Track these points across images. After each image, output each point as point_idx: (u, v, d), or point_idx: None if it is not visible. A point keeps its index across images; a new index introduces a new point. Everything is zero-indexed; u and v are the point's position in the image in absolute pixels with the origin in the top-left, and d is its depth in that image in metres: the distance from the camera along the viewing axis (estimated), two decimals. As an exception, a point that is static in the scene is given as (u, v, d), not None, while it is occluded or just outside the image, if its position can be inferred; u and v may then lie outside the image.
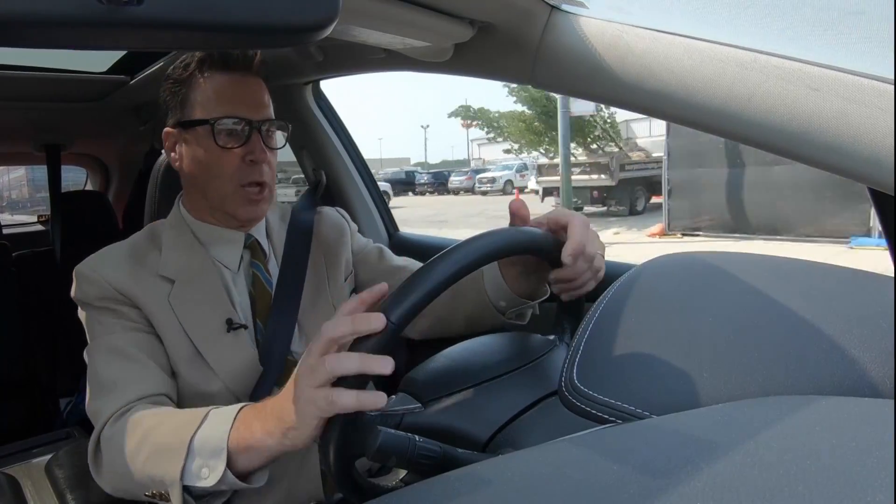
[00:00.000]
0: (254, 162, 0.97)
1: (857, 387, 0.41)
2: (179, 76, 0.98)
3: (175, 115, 0.99)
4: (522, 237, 0.71)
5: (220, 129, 0.95)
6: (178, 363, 0.94)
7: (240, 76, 0.98)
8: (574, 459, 0.40)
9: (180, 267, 0.98)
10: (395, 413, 0.66)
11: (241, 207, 0.99)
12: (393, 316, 0.59)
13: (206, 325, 0.96)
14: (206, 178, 0.98)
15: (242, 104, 0.97)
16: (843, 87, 0.60)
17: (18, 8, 0.38)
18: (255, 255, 1.06)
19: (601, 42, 0.78)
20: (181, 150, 1.00)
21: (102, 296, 0.94)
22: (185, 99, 0.98)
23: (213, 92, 0.96)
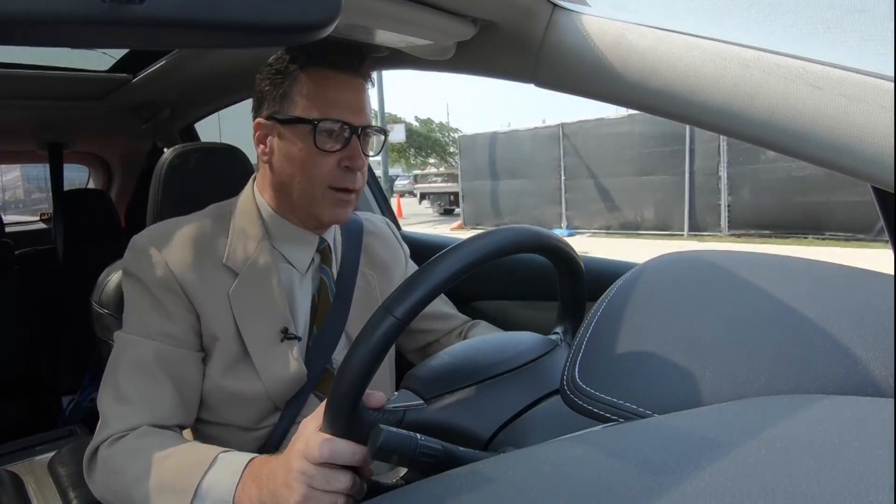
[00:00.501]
0: (349, 168, 0.94)
1: (859, 386, 0.41)
2: (283, 68, 0.94)
3: (272, 108, 0.95)
4: (527, 236, 0.71)
5: (321, 131, 0.91)
6: (221, 363, 0.92)
7: (346, 76, 0.94)
8: (576, 458, 0.40)
9: (246, 260, 0.95)
10: (397, 409, 0.66)
11: (329, 210, 0.96)
12: (397, 312, 0.60)
13: (262, 329, 0.94)
14: (296, 177, 0.94)
15: (346, 107, 0.93)
16: (846, 86, 0.60)
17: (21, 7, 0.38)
18: (324, 260, 1.04)
19: (603, 40, 0.78)
20: (273, 143, 0.96)
21: (160, 281, 0.91)
22: (286, 92, 0.93)
23: (317, 90, 0.92)
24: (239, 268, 0.95)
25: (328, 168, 0.93)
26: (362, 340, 0.60)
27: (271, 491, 0.68)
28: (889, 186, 0.59)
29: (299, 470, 0.64)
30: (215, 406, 0.94)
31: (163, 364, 0.89)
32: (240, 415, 0.94)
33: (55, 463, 1.30)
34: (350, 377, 0.60)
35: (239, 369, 0.93)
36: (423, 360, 0.75)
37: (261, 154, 0.98)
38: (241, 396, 0.93)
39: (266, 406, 0.94)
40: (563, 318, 0.82)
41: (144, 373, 0.88)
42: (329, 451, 0.62)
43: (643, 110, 0.79)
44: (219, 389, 0.93)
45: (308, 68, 0.92)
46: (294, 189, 0.95)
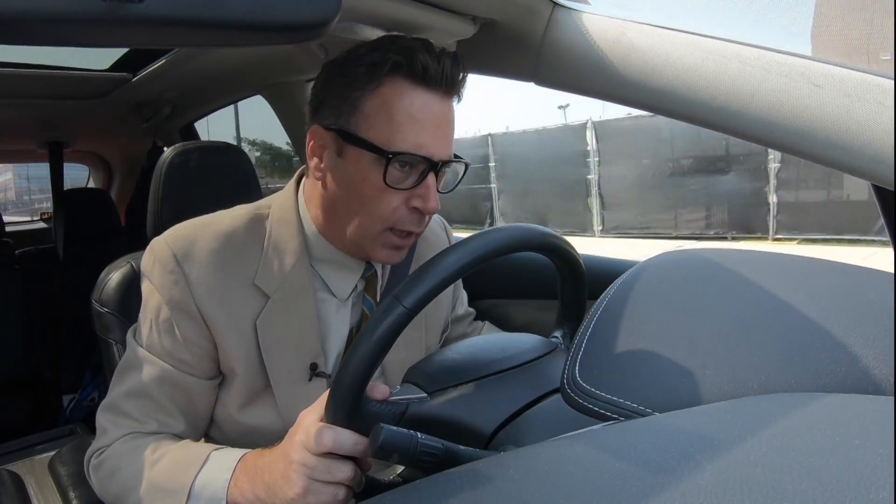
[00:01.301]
0: (418, 210, 0.79)
1: (859, 384, 0.41)
2: (359, 74, 0.77)
3: (336, 118, 0.79)
4: (535, 235, 0.71)
5: (395, 168, 0.76)
6: (241, 395, 0.84)
7: (437, 98, 0.77)
8: (576, 457, 0.40)
9: (280, 281, 0.83)
10: (400, 402, 0.66)
11: (382, 251, 0.82)
12: (406, 301, 0.60)
13: (289, 364, 0.84)
14: (352, 208, 0.80)
15: (433, 138, 0.77)
16: (846, 84, 0.60)
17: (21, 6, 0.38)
18: (368, 288, 0.91)
19: (604, 39, 0.78)
20: (330, 159, 0.80)
21: (178, 304, 0.81)
22: (357, 104, 0.77)
23: (398, 110, 0.75)
24: (271, 290, 0.83)
25: (393, 206, 0.78)
26: (369, 330, 0.60)
27: (267, 484, 0.66)
28: (888, 184, 0.59)
29: (299, 461, 0.63)
30: (228, 434, 0.88)
31: (169, 390, 0.83)
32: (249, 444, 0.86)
33: (56, 462, 1.30)
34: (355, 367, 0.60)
35: (258, 404, 0.85)
36: (427, 356, 0.75)
37: (314, 168, 0.83)
38: (257, 432, 0.85)
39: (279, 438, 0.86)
40: (562, 322, 0.83)
41: (150, 395, 0.83)
42: (332, 441, 0.61)
43: (644, 109, 0.80)
44: (234, 422, 0.86)
45: (391, 79, 0.75)
46: (348, 219, 0.81)
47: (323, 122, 0.80)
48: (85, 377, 2.18)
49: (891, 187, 0.59)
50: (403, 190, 0.77)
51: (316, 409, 0.65)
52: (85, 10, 0.40)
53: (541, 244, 0.72)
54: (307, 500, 0.63)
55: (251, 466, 0.71)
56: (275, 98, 1.76)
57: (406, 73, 0.75)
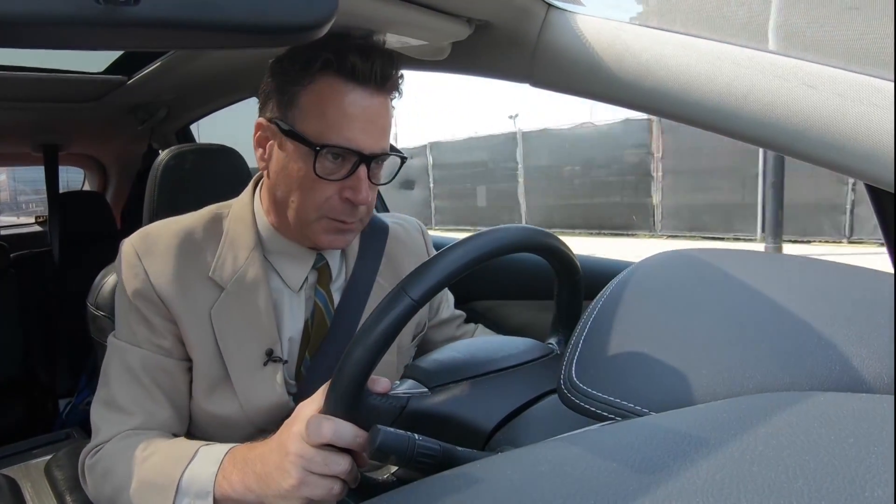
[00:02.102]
0: (350, 201, 0.83)
1: (854, 382, 0.41)
2: (296, 71, 0.81)
3: (276, 112, 0.84)
4: (538, 237, 0.72)
5: (323, 156, 0.80)
6: (202, 382, 0.87)
7: (368, 94, 0.80)
8: (573, 457, 0.40)
9: (234, 274, 0.87)
10: (401, 396, 0.66)
11: (325, 236, 0.86)
12: (413, 293, 0.60)
13: (244, 351, 0.87)
14: (290, 196, 0.84)
15: (361, 132, 0.80)
16: (840, 84, 0.60)
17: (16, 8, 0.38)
18: (321, 280, 0.94)
19: (598, 40, 0.79)
20: (272, 150, 0.86)
21: (140, 293, 0.85)
22: (293, 99, 0.81)
23: (329, 107, 0.79)
24: (225, 282, 0.87)
25: (326, 196, 0.82)
26: (374, 320, 0.60)
27: (259, 474, 0.66)
28: (885, 185, 0.60)
29: (296, 453, 0.62)
30: (200, 426, 0.91)
31: (153, 373, 0.86)
32: (224, 437, 0.89)
33: (52, 466, 1.29)
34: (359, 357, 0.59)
35: (219, 391, 0.88)
36: (426, 354, 0.75)
37: (259, 159, 0.88)
38: (221, 421, 0.88)
39: (249, 430, 0.89)
40: (557, 328, 0.83)
41: (136, 382, 0.86)
42: (332, 432, 0.60)
43: (638, 109, 0.80)
44: (202, 411, 0.89)
45: (323, 76, 0.80)
46: (289, 208, 0.86)
47: (266, 116, 0.85)
48: (81, 381, 2.17)
49: (885, 187, 0.59)
50: (335, 181, 0.81)
51: (315, 400, 0.65)
52: (80, 13, 0.39)
53: (542, 246, 0.73)
54: (301, 492, 0.62)
55: (241, 458, 0.71)
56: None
57: (337, 71, 0.79)
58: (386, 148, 0.85)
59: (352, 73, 0.79)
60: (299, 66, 0.81)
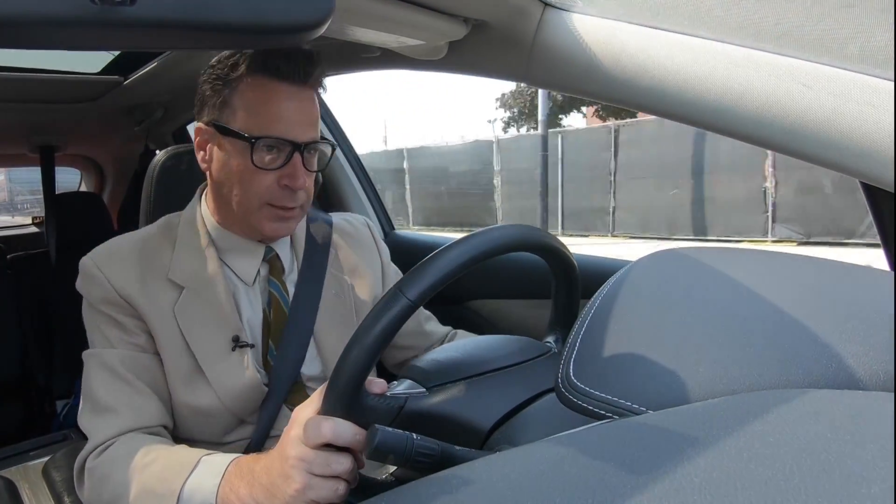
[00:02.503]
0: (289, 187, 0.89)
1: (850, 380, 0.41)
2: (225, 74, 0.88)
3: (212, 114, 0.90)
4: (535, 237, 0.72)
5: (259, 148, 0.87)
6: (177, 377, 0.90)
7: (292, 88, 0.88)
8: (570, 456, 0.40)
9: (191, 273, 0.93)
10: (399, 396, 0.66)
11: (269, 223, 0.92)
12: (410, 293, 0.60)
13: (211, 340, 0.91)
14: (233, 190, 0.90)
15: (290, 123, 0.87)
16: (835, 84, 0.61)
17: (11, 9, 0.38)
18: (273, 271, 0.99)
19: (595, 39, 0.79)
20: (212, 151, 0.92)
21: (105, 299, 0.89)
22: (227, 100, 0.88)
23: (258, 103, 0.87)
24: (184, 281, 0.92)
25: (266, 185, 0.88)
26: (372, 320, 0.59)
27: (265, 486, 0.66)
28: (879, 183, 0.60)
29: (297, 456, 0.62)
30: (182, 420, 0.92)
31: (134, 370, 0.88)
32: (204, 429, 0.92)
33: (49, 468, 1.29)
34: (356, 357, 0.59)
35: (193, 382, 0.90)
36: (424, 353, 0.75)
37: (201, 161, 0.95)
38: (199, 410, 0.90)
39: (228, 419, 0.92)
40: (555, 327, 0.83)
41: (118, 379, 0.87)
42: (331, 431, 0.60)
43: (634, 108, 0.80)
44: (182, 404, 0.90)
45: (251, 76, 0.87)
46: (233, 201, 0.91)
47: (203, 120, 0.92)
48: (78, 382, 2.16)
49: (878, 185, 0.60)
50: (273, 170, 0.88)
51: (311, 403, 0.65)
52: (76, 13, 0.39)
53: (540, 245, 0.73)
54: (307, 495, 0.62)
55: (248, 471, 0.70)
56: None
57: (262, 70, 0.86)
58: (316, 137, 0.92)
59: (277, 72, 0.86)
60: (228, 69, 0.88)
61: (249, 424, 0.94)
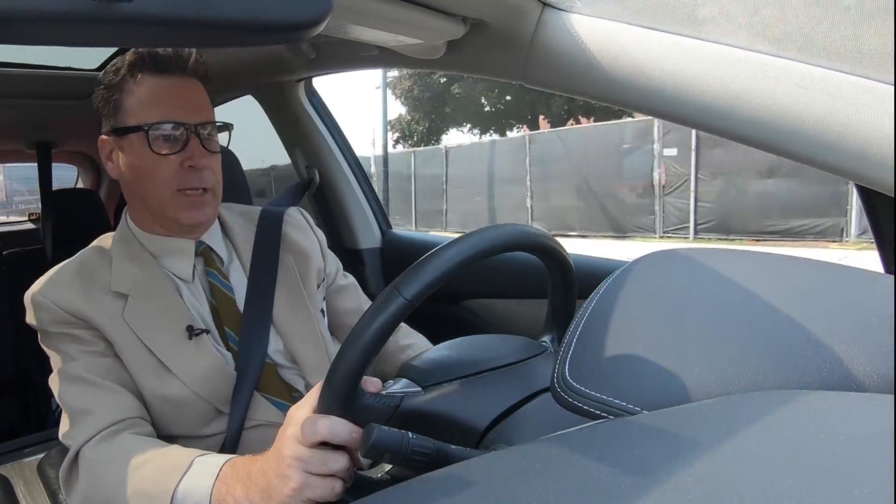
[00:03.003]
0: (193, 168, 0.92)
1: (844, 381, 0.41)
2: (111, 81, 0.94)
3: (109, 123, 0.95)
4: (531, 236, 0.72)
5: (155, 136, 0.90)
6: (143, 377, 0.91)
7: (174, 79, 0.93)
8: (565, 456, 0.40)
9: (133, 281, 0.94)
10: (395, 395, 0.66)
11: (183, 212, 0.94)
12: (406, 292, 0.60)
13: (166, 335, 0.92)
14: (144, 186, 0.93)
15: (178, 108, 0.92)
16: (831, 85, 0.61)
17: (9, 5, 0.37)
18: (209, 263, 1.02)
19: (593, 40, 0.79)
20: (117, 156, 0.95)
21: (56, 320, 0.90)
22: (117, 105, 0.93)
23: (146, 96, 0.92)
24: (127, 290, 0.93)
25: (171, 171, 0.91)
26: (368, 319, 0.59)
27: (262, 487, 0.66)
28: (874, 185, 0.60)
29: (293, 456, 0.62)
30: (156, 416, 0.92)
31: (99, 372, 0.89)
32: (181, 422, 0.92)
33: (45, 465, 1.29)
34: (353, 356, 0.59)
35: (160, 379, 0.91)
36: (420, 353, 0.75)
37: (111, 171, 0.98)
38: (172, 402, 0.91)
39: (203, 408, 0.93)
40: (551, 326, 0.83)
41: (87, 386, 0.88)
42: (327, 429, 0.60)
43: (632, 109, 0.80)
44: (154, 397, 0.91)
45: (135, 76, 0.92)
46: (146, 198, 0.94)
47: (105, 131, 0.96)
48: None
49: (874, 187, 0.60)
50: (173, 154, 0.91)
51: (307, 403, 0.65)
52: (74, 10, 0.39)
53: (536, 245, 0.73)
54: (304, 494, 0.62)
55: (244, 473, 0.70)
56: (265, 98, 1.75)
57: (143, 67, 0.91)
58: (209, 119, 0.95)
59: (157, 66, 0.92)
60: (112, 74, 0.93)
61: (226, 415, 0.94)
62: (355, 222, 1.77)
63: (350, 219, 1.77)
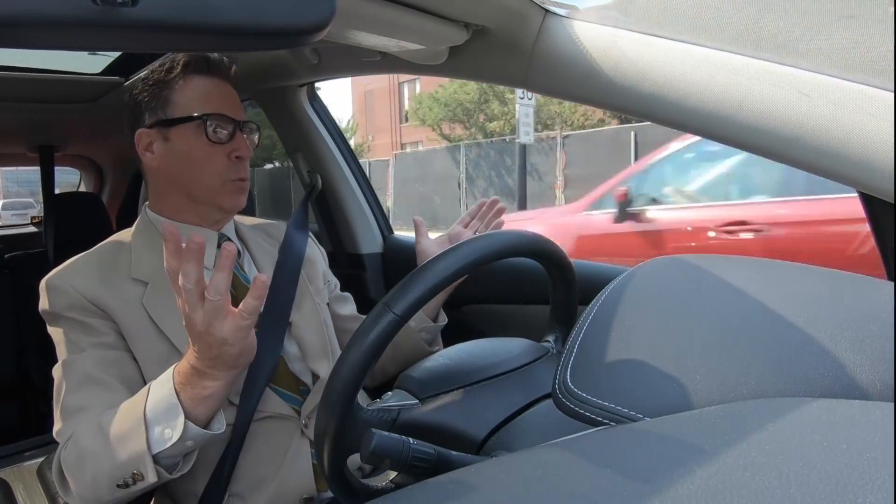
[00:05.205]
0: (239, 158, 1.01)
1: (847, 389, 0.41)
2: (160, 78, 1.01)
3: (154, 116, 1.00)
4: (524, 240, 0.71)
5: (212, 126, 0.98)
6: (154, 365, 0.92)
7: (220, 82, 1.03)
8: (567, 462, 0.40)
9: (153, 269, 0.98)
10: (391, 408, 0.66)
11: (230, 198, 1.02)
12: (397, 308, 0.60)
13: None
14: (192, 174, 1.00)
15: (227, 105, 1.01)
16: (834, 92, 0.61)
17: (13, 9, 0.38)
18: None
19: (595, 46, 0.79)
20: (161, 148, 1.01)
21: (72, 305, 0.93)
22: (167, 100, 1.00)
23: (198, 93, 1.00)
24: (147, 277, 0.97)
25: (222, 160, 1.00)
26: (360, 336, 0.60)
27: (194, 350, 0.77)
28: (876, 192, 0.60)
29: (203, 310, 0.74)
30: None
31: (104, 367, 0.91)
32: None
33: (44, 468, 1.28)
34: (346, 373, 0.60)
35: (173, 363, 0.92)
36: (418, 362, 0.75)
37: (149, 162, 1.02)
38: None
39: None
40: (553, 326, 0.83)
41: (89, 382, 0.89)
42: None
43: (634, 115, 0.80)
44: None
45: (186, 76, 1.00)
46: (193, 185, 1.01)
47: (145, 125, 1.01)
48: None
49: (878, 195, 0.60)
50: (223, 144, 0.99)
51: None
52: (77, 14, 0.39)
53: (531, 249, 0.73)
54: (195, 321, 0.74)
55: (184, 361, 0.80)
56: (267, 103, 1.75)
57: (195, 69, 1.00)
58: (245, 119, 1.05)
59: (207, 70, 1.01)
60: (164, 73, 1.01)
61: (234, 406, 0.96)
62: (357, 227, 1.77)
63: (352, 224, 1.77)
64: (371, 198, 1.83)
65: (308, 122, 1.70)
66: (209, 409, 0.81)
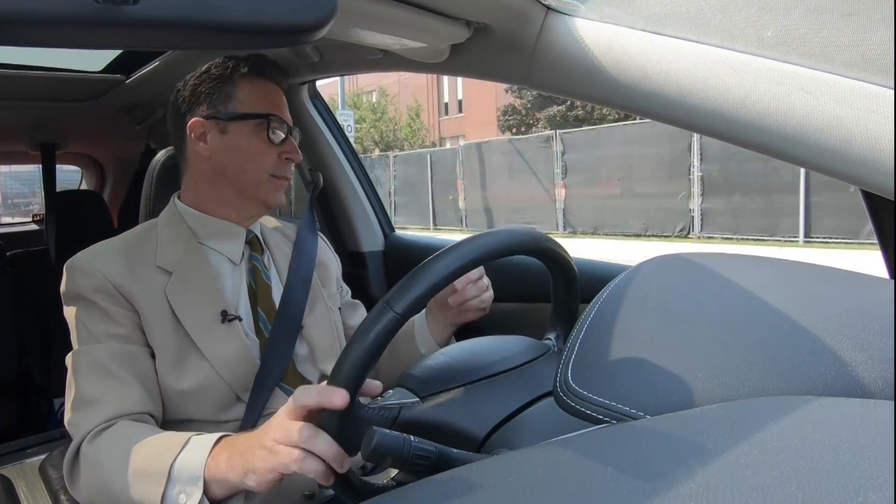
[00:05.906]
0: (289, 160, 1.06)
1: (849, 387, 0.41)
2: (221, 73, 1.04)
3: (214, 108, 1.03)
4: (524, 238, 0.71)
5: (274, 127, 1.03)
6: (170, 355, 0.94)
7: (273, 85, 1.07)
8: (568, 460, 0.40)
9: (178, 259, 1.00)
10: (392, 406, 0.66)
11: (274, 194, 1.06)
12: (398, 307, 0.60)
13: (202, 316, 0.98)
14: (243, 168, 1.03)
15: (281, 109, 1.06)
16: (836, 90, 0.61)
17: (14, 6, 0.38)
18: (254, 249, 1.10)
19: (597, 44, 0.79)
20: (215, 140, 1.03)
21: (97, 288, 0.94)
22: (230, 94, 1.03)
23: (261, 94, 1.05)
24: (172, 267, 1.00)
25: (273, 159, 1.04)
26: (361, 335, 0.60)
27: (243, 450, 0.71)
28: (880, 191, 0.60)
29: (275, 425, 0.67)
30: (175, 403, 0.95)
31: (119, 361, 0.91)
32: (200, 407, 0.95)
33: (46, 465, 1.29)
34: (347, 371, 0.60)
35: (188, 363, 0.95)
36: (419, 361, 0.75)
37: (200, 151, 1.04)
38: (201, 392, 0.95)
39: (224, 392, 0.96)
40: (555, 324, 0.83)
41: (102, 373, 0.90)
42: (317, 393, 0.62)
43: (635, 113, 0.80)
44: (177, 392, 0.94)
45: (247, 76, 1.04)
46: (241, 178, 1.04)
47: (202, 115, 1.03)
48: (76, 380, 2.16)
49: (878, 192, 0.60)
50: (278, 145, 1.04)
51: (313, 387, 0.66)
52: (79, 12, 0.39)
53: (532, 247, 0.73)
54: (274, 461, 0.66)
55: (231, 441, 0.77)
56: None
57: (256, 71, 1.05)
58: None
59: (266, 73, 1.06)
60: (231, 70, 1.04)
61: (243, 403, 0.97)
62: (358, 225, 1.77)
63: (353, 222, 1.77)
64: (372, 196, 1.83)
65: (309, 119, 1.70)
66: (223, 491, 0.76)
